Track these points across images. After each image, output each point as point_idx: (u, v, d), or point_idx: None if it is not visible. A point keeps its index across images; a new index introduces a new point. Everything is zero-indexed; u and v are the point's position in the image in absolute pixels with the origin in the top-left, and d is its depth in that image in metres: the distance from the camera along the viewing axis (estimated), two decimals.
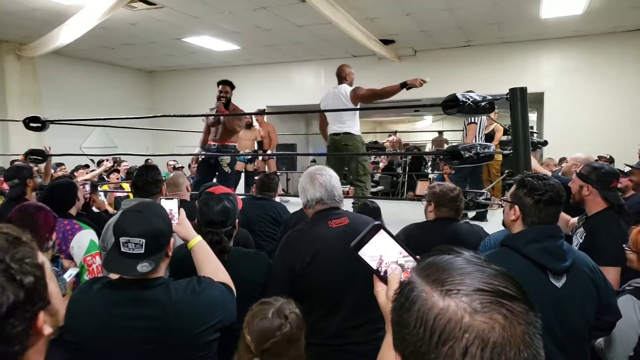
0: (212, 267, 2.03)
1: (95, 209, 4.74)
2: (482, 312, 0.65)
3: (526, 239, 1.93)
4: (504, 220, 2.13)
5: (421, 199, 3.38)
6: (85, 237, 2.99)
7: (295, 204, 3.50)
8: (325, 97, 5.75)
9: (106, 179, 7.88)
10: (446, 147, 8.58)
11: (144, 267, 1.75)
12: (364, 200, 4.61)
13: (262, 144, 8.82)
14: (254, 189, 4.38)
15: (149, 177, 3.03)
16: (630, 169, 4.14)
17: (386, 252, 0.99)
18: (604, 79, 9.75)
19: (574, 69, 10.07)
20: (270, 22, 8.82)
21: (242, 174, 8.89)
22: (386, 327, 0.97)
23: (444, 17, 8.56)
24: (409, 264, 0.96)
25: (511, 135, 3.31)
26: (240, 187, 8.85)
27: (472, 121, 6.46)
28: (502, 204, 2.22)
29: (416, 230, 3.04)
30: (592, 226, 2.80)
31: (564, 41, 10.06)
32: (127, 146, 11.08)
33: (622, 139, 8.99)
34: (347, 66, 5.75)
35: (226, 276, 2.03)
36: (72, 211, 3.25)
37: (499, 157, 6.91)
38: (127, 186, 7.24)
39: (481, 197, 3.87)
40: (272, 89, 12.54)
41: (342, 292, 2.25)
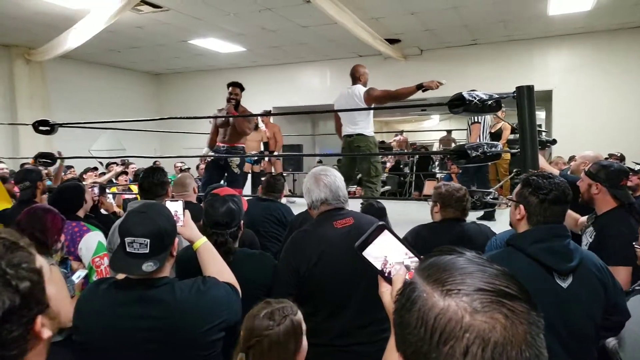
0: (217, 268, 2.04)
1: (103, 211, 4.76)
2: (482, 311, 0.65)
3: (531, 239, 1.91)
4: (510, 219, 2.12)
5: (427, 199, 3.37)
6: (93, 239, 3.00)
7: (302, 204, 3.50)
8: (339, 98, 5.73)
9: (115, 181, 7.92)
10: (453, 147, 8.56)
11: (149, 266, 1.76)
12: (369, 200, 4.60)
13: (268, 144, 8.82)
14: (259, 190, 4.39)
15: (154, 179, 3.05)
16: (639, 167, 4.11)
17: (391, 253, 0.99)
18: (613, 76, 9.67)
19: (582, 66, 9.99)
20: (275, 23, 8.84)
21: (249, 175, 8.90)
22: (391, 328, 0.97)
23: (449, 15, 8.54)
24: (414, 265, 0.96)
25: (518, 134, 3.29)
26: (247, 188, 8.87)
27: (476, 120, 6.43)
28: (509, 203, 2.20)
29: (424, 231, 3.03)
30: (602, 225, 2.76)
31: (571, 38, 9.99)
32: (135, 148, 11.16)
33: (632, 136, 8.92)
34: (362, 66, 5.71)
35: (231, 276, 2.03)
36: (80, 213, 3.27)
37: (507, 156, 6.88)
38: (135, 188, 7.27)
39: (489, 197, 3.85)
40: (278, 90, 12.55)
41: (347, 293, 2.25)
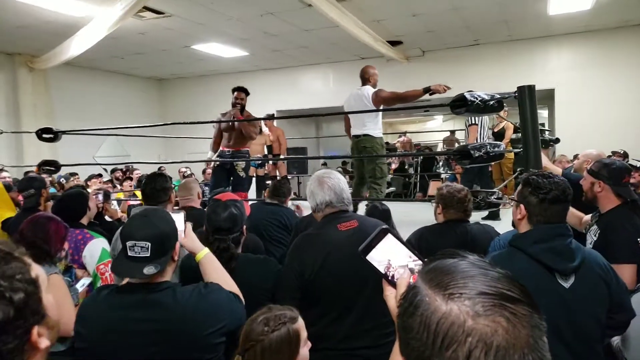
0: (220, 279, 2.04)
1: (108, 218, 4.77)
2: (484, 315, 0.64)
3: (532, 239, 1.90)
4: (512, 219, 2.11)
5: (432, 200, 3.36)
6: (97, 246, 3.01)
7: (307, 207, 3.49)
8: (348, 98, 5.72)
9: (119, 187, 7.95)
10: (456, 147, 8.54)
11: (150, 269, 1.77)
12: (373, 202, 4.59)
13: (272, 148, 8.83)
14: (265, 194, 4.38)
15: (157, 185, 3.05)
16: (635, 160, 4.11)
17: (394, 256, 0.99)
18: (615, 74, 9.66)
19: (583, 64, 9.99)
20: (277, 27, 8.86)
21: (254, 179, 8.91)
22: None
23: (450, 17, 8.54)
24: (418, 268, 0.95)
25: (521, 133, 3.29)
26: (251, 192, 8.88)
27: (473, 122, 6.43)
28: (512, 202, 2.19)
29: (427, 233, 3.02)
30: (606, 223, 2.75)
31: (572, 37, 9.99)
32: (139, 154, 11.17)
33: (635, 133, 8.89)
34: (371, 67, 5.70)
35: (234, 287, 2.03)
36: (83, 221, 3.28)
37: (511, 155, 6.87)
38: (140, 194, 7.30)
39: (492, 197, 3.84)
40: (281, 94, 12.57)
41: (352, 296, 2.24)
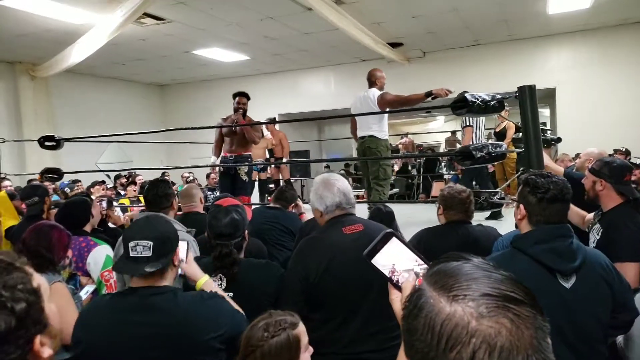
0: None
1: (111, 225, 4.78)
2: (488, 316, 0.65)
3: (533, 240, 1.90)
4: (515, 219, 2.11)
5: (435, 201, 3.36)
6: (101, 253, 3.02)
7: (307, 209, 3.50)
8: (355, 101, 5.81)
9: (125, 192, 7.96)
10: (458, 148, 8.54)
11: (152, 267, 1.80)
12: (377, 204, 4.60)
13: (273, 151, 8.84)
14: (269, 199, 4.39)
15: (159, 191, 3.05)
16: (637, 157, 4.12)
17: (399, 260, 0.99)
18: (615, 72, 9.66)
19: (584, 63, 9.99)
20: (277, 31, 8.87)
21: (256, 183, 8.92)
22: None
23: (450, 18, 8.54)
24: (423, 271, 0.95)
25: (522, 133, 3.29)
26: (254, 196, 8.90)
27: (468, 124, 6.46)
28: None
29: (427, 235, 3.01)
30: (609, 222, 2.75)
31: (572, 36, 10.00)
32: (142, 160, 11.17)
33: (637, 130, 8.88)
34: (378, 70, 5.77)
35: (237, 308, 2.04)
36: (87, 228, 3.29)
37: (514, 154, 6.87)
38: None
39: (495, 197, 3.84)
40: (283, 97, 12.60)
41: (357, 300, 2.23)
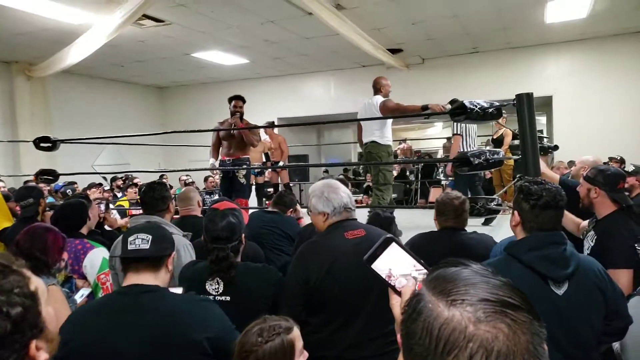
0: None
1: (107, 227, 4.77)
2: (485, 321, 0.65)
3: (527, 247, 1.93)
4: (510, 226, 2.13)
5: (433, 207, 3.37)
6: (97, 256, 3.01)
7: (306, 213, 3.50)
8: (361, 107, 5.99)
9: (124, 194, 7.96)
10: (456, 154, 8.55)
11: (146, 250, 1.87)
12: (376, 209, 4.61)
13: (270, 155, 8.86)
14: (267, 203, 4.40)
15: (156, 194, 3.06)
16: (634, 168, 4.15)
17: (398, 265, 0.99)
18: (612, 81, 9.73)
19: (581, 71, 10.05)
20: (278, 35, 8.89)
21: (253, 187, 8.93)
22: None
23: (450, 24, 8.57)
24: (421, 277, 0.95)
25: (519, 140, 3.31)
26: (251, 200, 8.91)
27: (457, 133, 6.53)
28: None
29: (420, 240, 3.03)
30: (603, 229, 2.78)
31: (570, 44, 10.07)
32: (139, 163, 11.18)
33: (631, 139, 8.93)
34: (383, 78, 5.94)
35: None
36: (83, 230, 3.28)
37: (510, 161, 6.89)
38: None
39: (492, 203, 3.85)
40: (282, 101, 12.61)
41: (358, 304, 2.25)
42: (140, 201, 3.23)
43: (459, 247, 2.82)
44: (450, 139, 13.73)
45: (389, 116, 5.65)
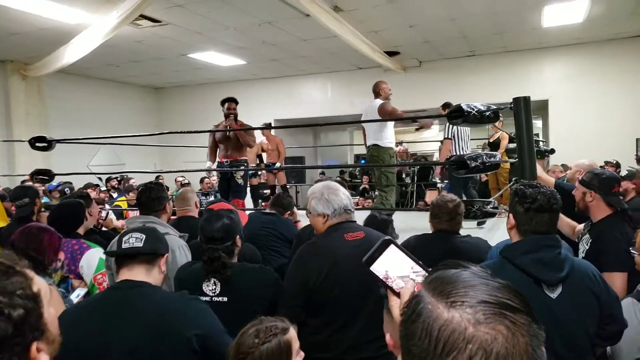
0: None
1: (104, 228, 4.75)
2: (485, 323, 0.65)
3: (521, 250, 1.93)
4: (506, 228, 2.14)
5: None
6: (94, 256, 3.00)
7: (304, 214, 3.50)
8: (363, 111, 6.13)
9: (125, 194, 7.93)
10: (453, 157, 8.58)
11: (138, 244, 1.88)
12: (373, 211, 4.61)
13: (264, 157, 8.86)
14: (264, 205, 4.41)
15: (152, 194, 3.05)
16: (628, 171, 4.19)
17: (396, 267, 0.99)
18: (607, 85, 9.78)
19: (577, 75, 10.10)
20: (275, 36, 8.89)
21: (248, 188, 8.92)
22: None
23: (447, 28, 8.60)
24: (420, 278, 0.96)
25: (516, 144, 3.32)
26: (247, 202, 8.89)
27: (447, 137, 6.58)
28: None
29: (413, 242, 3.04)
30: (597, 232, 2.79)
31: (566, 49, 10.12)
32: (135, 163, 11.12)
33: (626, 142, 8.97)
34: (383, 82, 6.09)
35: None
36: (80, 230, 3.26)
37: (506, 165, 6.90)
38: None
39: (489, 206, 3.86)
40: (279, 103, 12.60)
41: (357, 306, 2.25)
42: (136, 201, 3.22)
43: (452, 250, 2.82)
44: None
45: (384, 119, 5.70)
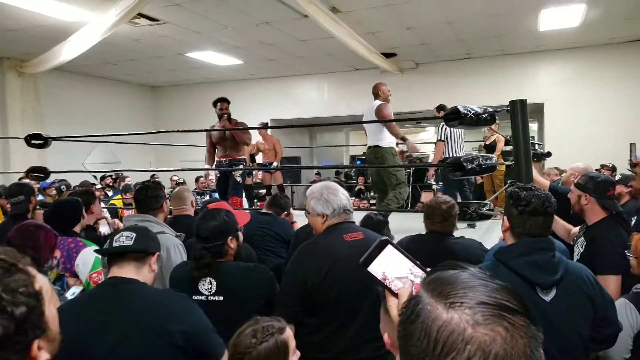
0: None
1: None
2: (484, 324, 0.66)
3: (514, 253, 1.94)
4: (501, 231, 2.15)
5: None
6: (90, 254, 2.98)
7: (300, 215, 3.49)
8: (364, 112, 6.17)
9: (121, 193, 7.91)
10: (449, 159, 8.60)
11: (129, 242, 1.88)
12: (369, 212, 4.62)
13: (254, 157, 8.86)
14: (259, 204, 4.41)
15: (149, 192, 3.05)
16: (629, 169, 4.20)
17: (394, 267, 0.99)
18: (603, 89, 9.82)
19: (572, 79, 10.14)
20: (272, 36, 8.88)
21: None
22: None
23: (444, 30, 8.61)
24: (417, 279, 0.95)
25: (512, 146, 3.33)
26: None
27: (440, 139, 6.60)
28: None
29: (406, 242, 3.04)
30: (592, 235, 2.81)
31: (562, 52, 10.16)
32: (130, 161, 11.08)
33: (622, 146, 8.99)
34: (382, 84, 6.12)
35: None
36: (76, 229, 3.25)
37: (502, 167, 6.92)
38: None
39: (484, 208, 3.87)
40: (276, 103, 12.58)
41: (355, 307, 2.25)
42: (133, 199, 3.22)
43: (444, 251, 2.83)
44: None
45: (379, 120, 5.71)
